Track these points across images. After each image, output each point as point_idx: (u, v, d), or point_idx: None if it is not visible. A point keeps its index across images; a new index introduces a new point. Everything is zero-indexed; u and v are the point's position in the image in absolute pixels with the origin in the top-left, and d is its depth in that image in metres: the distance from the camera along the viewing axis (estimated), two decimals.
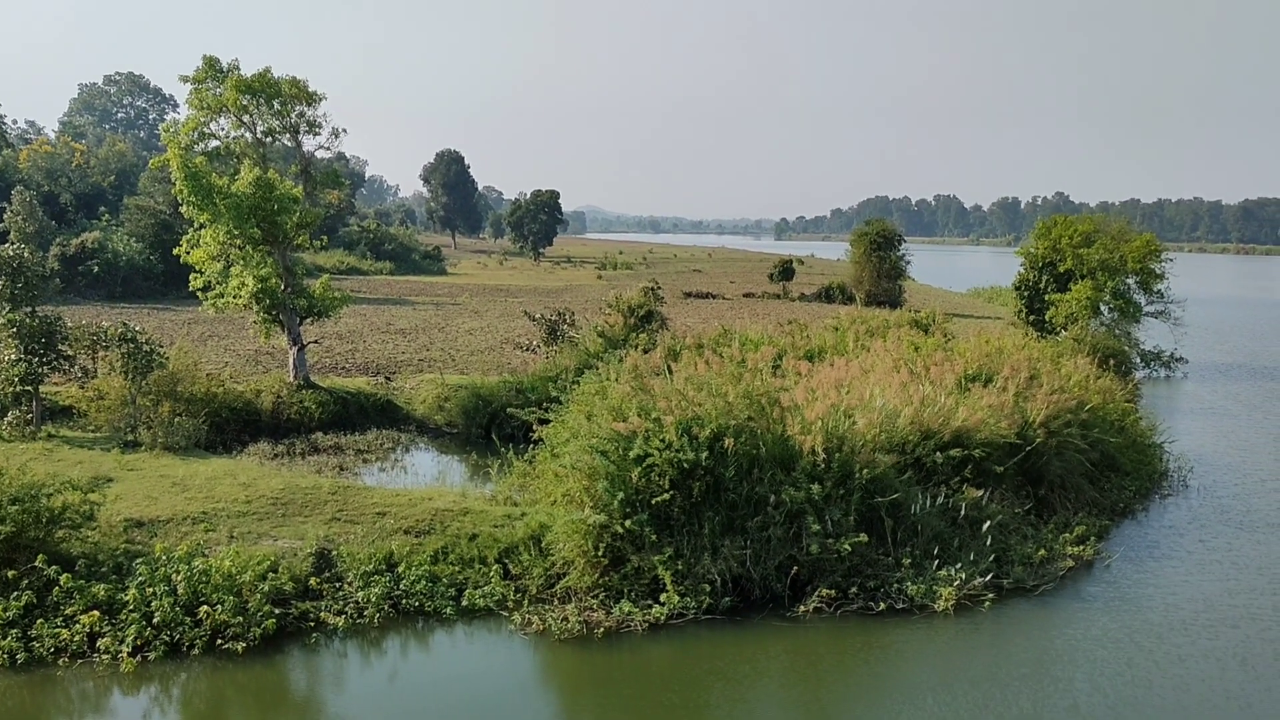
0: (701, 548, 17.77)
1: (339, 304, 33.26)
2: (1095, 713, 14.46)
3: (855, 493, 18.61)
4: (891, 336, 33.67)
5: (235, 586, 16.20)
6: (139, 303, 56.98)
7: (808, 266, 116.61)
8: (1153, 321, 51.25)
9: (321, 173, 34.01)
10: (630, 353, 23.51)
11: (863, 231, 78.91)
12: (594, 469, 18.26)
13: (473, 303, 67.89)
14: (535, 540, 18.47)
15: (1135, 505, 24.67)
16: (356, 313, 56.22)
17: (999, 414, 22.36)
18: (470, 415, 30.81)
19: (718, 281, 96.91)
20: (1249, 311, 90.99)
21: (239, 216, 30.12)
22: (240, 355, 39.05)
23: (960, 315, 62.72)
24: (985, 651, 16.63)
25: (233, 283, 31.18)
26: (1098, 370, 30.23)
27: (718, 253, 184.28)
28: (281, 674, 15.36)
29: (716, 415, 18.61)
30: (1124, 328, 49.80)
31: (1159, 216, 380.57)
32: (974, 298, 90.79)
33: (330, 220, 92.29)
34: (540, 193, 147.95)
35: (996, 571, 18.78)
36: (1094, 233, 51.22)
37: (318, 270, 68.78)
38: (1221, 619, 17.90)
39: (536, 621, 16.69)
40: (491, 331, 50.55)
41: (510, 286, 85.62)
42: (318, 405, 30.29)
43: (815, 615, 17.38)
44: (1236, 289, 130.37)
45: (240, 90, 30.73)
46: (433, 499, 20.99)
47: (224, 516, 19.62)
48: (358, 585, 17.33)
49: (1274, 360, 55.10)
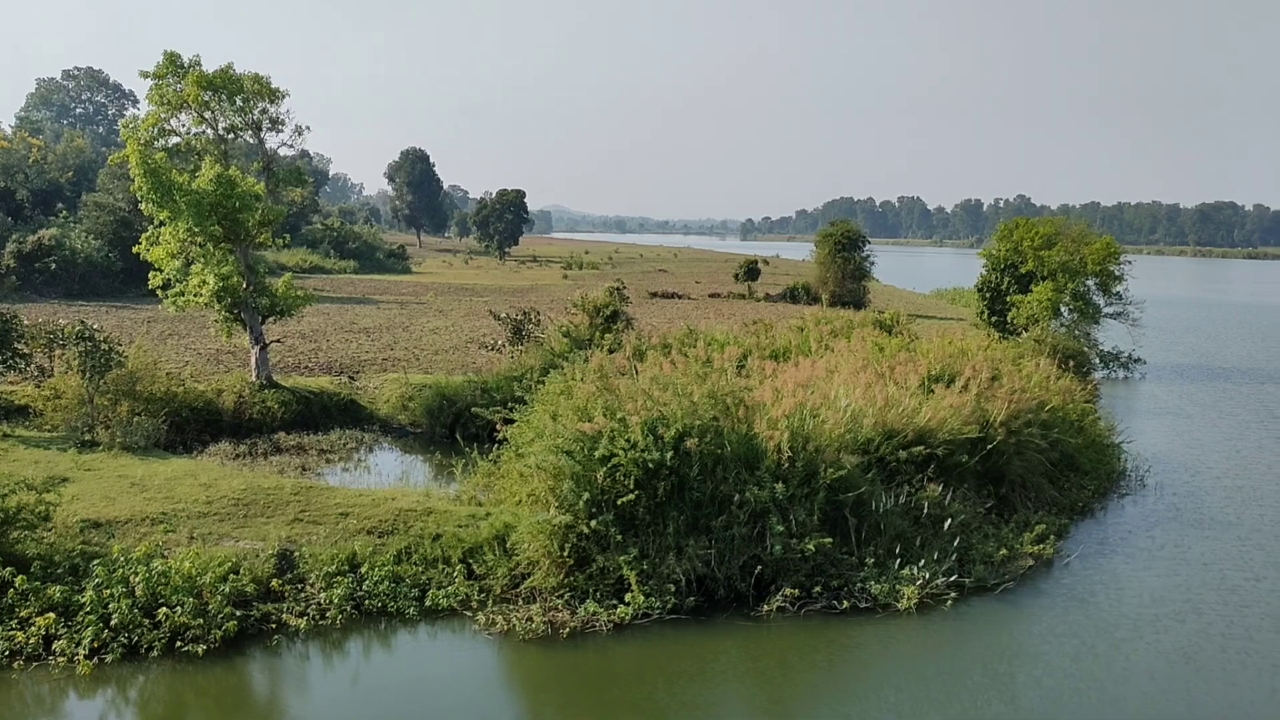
0: (666, 548, 17.79)
1: (302, 303, 32.96)
2: (1048, 708, 14.63)
3: (819, 492, 18.71)
4: (856, 337, 33.90)
5: (195, 588, 16.01)
6: (97, 301, 56.17)
7: (773, 267, 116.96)
8: (1112, 323, 51.93)
9: (284, 170, 33.67)
10: (595, 353, 23.49)
11: (827, 232, 79.33)
12: (559, 469, 18.22)
13: (437, 302, 67.53)
14: (500, 540, 18.41)
15: (1094, 504, 24.99)
16: (320, 311, 55.75)
17: (960, 414, 22.58)
18: (434, 415, 30.65)
19: (683, 281, 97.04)
20: (1204, 313, 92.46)
21: (199, 214, 29.74)
22: (201, 354, 38.60)
23: (924, 316, 63.23)
24: (947, 649, 16.78)
25: (193, 281, 30.80)
26: (1058, 371, 30.61)
27: (683, 253, 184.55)
28: (242, 676, 15.20)
29: (681, 415, 18.64)
30: (1084, 329, 50.44)
31: (1118, 219, 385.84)
32: (937, 299, 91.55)
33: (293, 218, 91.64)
34: (506, 192, 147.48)
35: (958, 570, 18.96)
36: (1055, 235, 51.80)
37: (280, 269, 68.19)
38: (1171, 614, 18.22)
39: (501, 622, 16.63)
40: (456, 331, 50.31)
41: (475, 286, 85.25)
42: (280, 405, 30.02)
43: (779, 615, 17.45)
44: (1193, 291, 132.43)
45: (201, 86, 30.37)
46: (396, 499, 20.86)
47: (184, 517, 19.39)
48: (320, 586, 17.19)
49: (1228, 361, 56.05)
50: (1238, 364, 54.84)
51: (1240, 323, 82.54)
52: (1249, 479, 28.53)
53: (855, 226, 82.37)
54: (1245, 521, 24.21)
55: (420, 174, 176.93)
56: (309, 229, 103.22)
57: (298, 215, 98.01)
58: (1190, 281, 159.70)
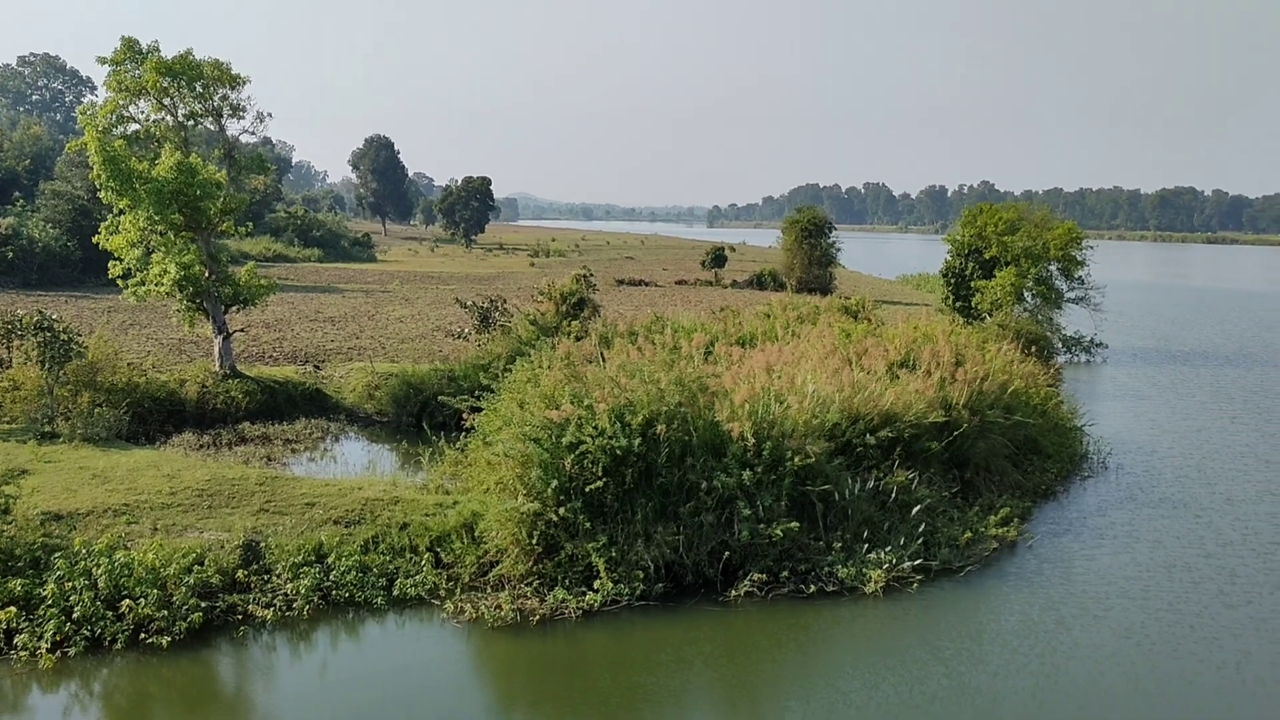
0: (635, 534, 17.83)
1: (265, 291, 32.62)
2: (1011, 686, 14.84)
3: (786, 478, 18.80)
4: (822, 323, 34.06)
5: (159, 580, 15.87)
6: (56, 290, 55.29)
7: (740, 254, 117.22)
8: (1074, 307, 52.49)
9: (246, 157, 33.26)
10: (563, 340, 23.47)
11: (794, 219, 79.54)
12: (527, 457, 18.20)
13: (403, 290, 67.13)
14: (468, 528, 18.37)
15: (1057, 486, 25.31)
16: (284, 300, 55.29)
17: (926, 398, 22.76)
18: (401, 404, 30.49)
19: (650, 269, 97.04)
20: (1164, 297, 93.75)
21: (160, 202, 29.33)
22: (163, 344, 38.16)
23: (889, 302, 63.63)
24: (913, 632, 16.95)
25: (154, 270, 30.39)
26: (1021, 355, 30.90)
27: (650, 240, 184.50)
28: (208, 668, 15.09)
29: (649, 402, 18.66)
30: (1046, 314, 50.94)
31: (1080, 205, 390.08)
32: (903, 284, 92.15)
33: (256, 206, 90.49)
34: (472, 179, 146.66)
35: (924, 554, 19.14)
36: (1018, 221, 52.23)
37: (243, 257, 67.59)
38: (1122, 592, 18.55)
39: (469, 610, 16.61)
40: (422, 319, 50.05)
41: (441, 273, 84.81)
42: (244, 395, 29.76)
43: (747, 600, 17.55)
44: (1153, 275, 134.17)
45: (160, 72, 29.91)
46: (363, 488, 20.75)
47: (147, 509, 19.19)
48: (287, 577, 17.07)
49: (1187, 344, 56.88)
50: (1195, 347, 55.67)
51: (1198, 306, 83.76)
52: (1204, 459, 29.04)
53: (821, 213, 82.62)
54: (1199, 500, 24.69)
55: (385, 161, 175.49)
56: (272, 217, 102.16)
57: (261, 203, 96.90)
58: (1150, 266, 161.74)
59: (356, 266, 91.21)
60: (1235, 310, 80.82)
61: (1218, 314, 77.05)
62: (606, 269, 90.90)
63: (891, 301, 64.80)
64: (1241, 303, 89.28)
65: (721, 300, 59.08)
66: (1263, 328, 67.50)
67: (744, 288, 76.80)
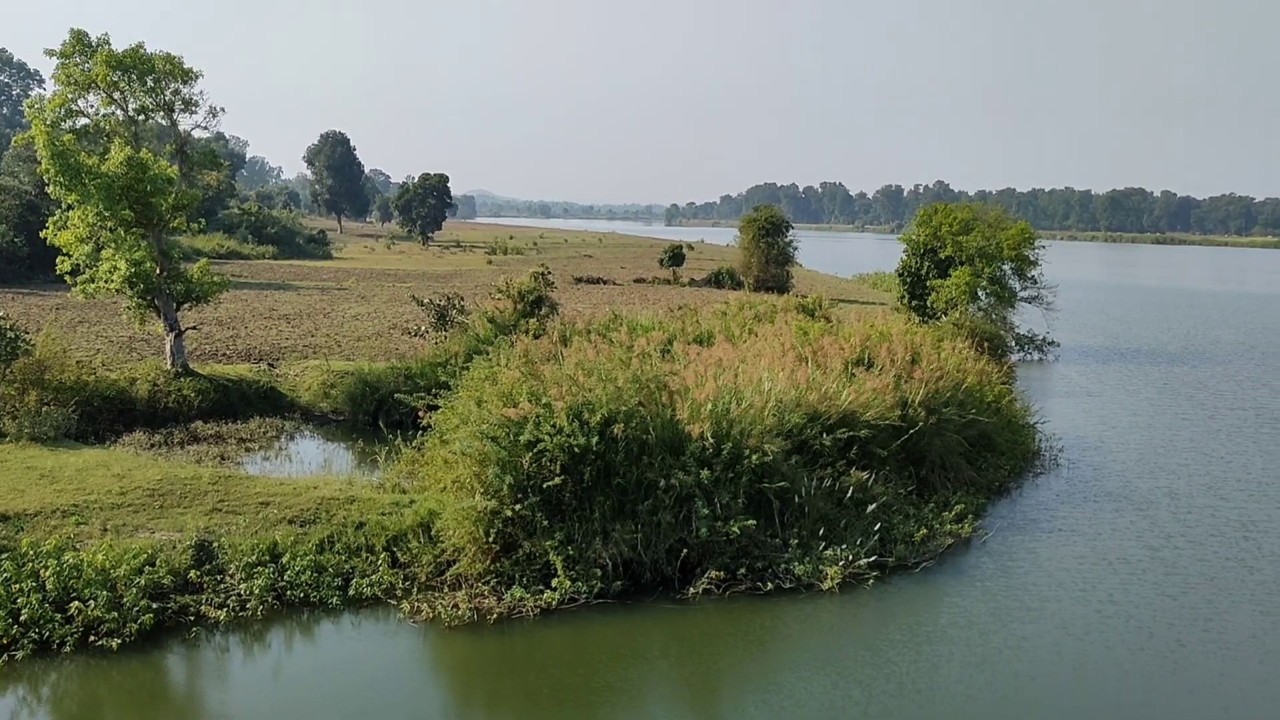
0: (592, 532, 17.82)
1: (218, 288, 32.17)
2: (964, 681, 15.03)
3: (744, 476, 18.89)
4: (780, 321, 34.22)
5: (109, 581, 15.63)
6: (3, 287, 54.19)
7: (698, 252, 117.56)
8: (1027, 306, 53.18)
9: (199, 153, 32.82)
10: (521, 338, 23.42)
11: (751, 218, 79.93)
12: (484, 455, 18.12)
13: (359, 287, 66.58)
14: (424, 527, 18.28)
15: (1010, 483, 25.65)
16: (238, 298, 54.65)
17: (882, 396, 22.95)
18: (357, 402, 30.24)
19: (608, 267, 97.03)
20: (1114, 296, 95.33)
21: (110, 197, 28.84)
22: (113, 342, 37.56)
23: (846, 300, 64.10)
24: (869, 627, 17.11)
25: (104, 266, 29.88)
26: (975, 353, 31.26)
27: (608, 238, 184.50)
28: (160, 671, 14.87)
29: (607, 400, 18.66)
30: (1000, 312, 51.58)
31: (1033, 205, 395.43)
32: (859, 283, 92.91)
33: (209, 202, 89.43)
34: (429, 176, 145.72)
35: (880, 550, 19.32)
36: (972, 220, 52.81)
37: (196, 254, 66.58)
38: (1065, 586, 18.90)
39: (426, 609, 16.51)
40: (379, 317, 49.68)
41: (398, 271, 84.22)
42: (197, 393, 29.36)
43: (705, 597, 17.62)
44: (1103, 275, 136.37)
45: (110, 66, 29.45)
46: (318, 487, 20.55)
47: (97, 509, 18.88)
48: (240, 577, 16.87)
49: (1135, 342, 57.90)
50: (1143, 345, 56.69)
51: (1146, 305, 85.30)
52: (1150, 454, 29.64)
53: (779, 212, 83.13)
54: (1144, 494, 25.22)
55: (341, 157, 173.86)
56: (226, 213, 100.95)
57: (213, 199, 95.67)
58: (1101, 266, 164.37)
59: (312, 264, 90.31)
60: (1182, 309, 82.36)
61: (1165, 313, 78.49)
62: (565, 267, 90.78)
63: (848, 300, 65.30)
64: (1188, 301, 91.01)
65: (679, 298, 59.22)
66: (1208, 326, 68.87)
67: (702, 286, 77.01)
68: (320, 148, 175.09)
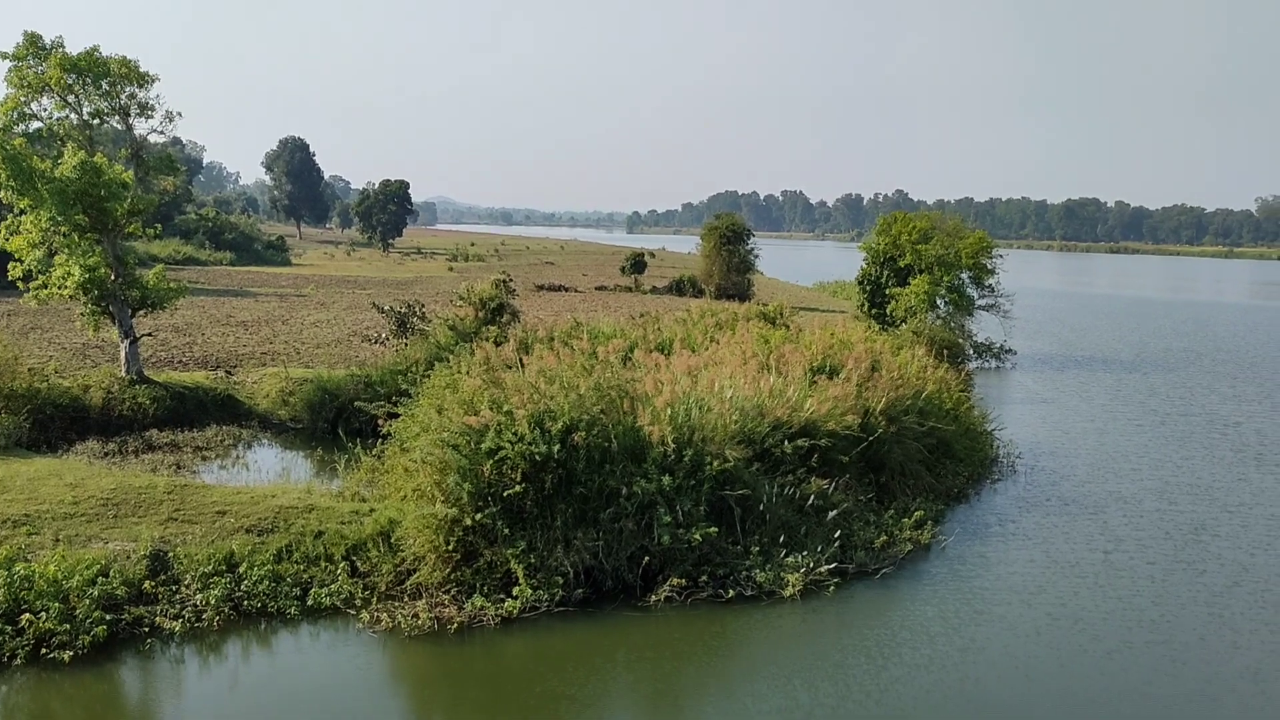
0: (554, 540, 17.78)
1: (175, 295, 31.74)
2: (922, 685, 15.16)
3: (705, 483, 18.93)
4: (741, 329, 34.37)
5: (61, 592, 15.35)
6: None
7: (659, 260, 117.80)
8: (985, 314, 53.82)
9: (155, 158, 32.34)
10: (482, 345, 23.32)
11: (713, 226, 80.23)
12: (445, 462, 18.03)
13: (318, 294, 66.04)
14: (384, 536, 18.12)
15: (968, 489, 25.93)
16: (194, 304, 54.00)
17: (844, 405, 23.10)
18: (316, 410, 29.96)
19: (570, 274, 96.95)
20: (1069, 303, 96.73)
21: (63, 202, 28.38)
22: (66, 349, 36.98)
23: (807, 308, 64.50)
24: (829, 633, 17.20)
25: (57, 272, 29.40)
26: (935, 361, 31.57)
27: (570, 245, 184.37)
28: (113, 683, 14.63)
29: (569, 408, 18.64)
30: (958, 320, 52.12)
31: (990, 214, 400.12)
32: (820, 291, 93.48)
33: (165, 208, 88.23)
34: (389, 183, 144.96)
35: (840, 557, 19.44)
36: (931, 229, 53.40)
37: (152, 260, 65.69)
38: (1016, 590, 19.15)
39: (386, 619, 16.39)
40: (338, 324, 49.29)
41: (358, 278, 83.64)
42: (152, 401, 28.95)
43: (666, 604, 17.63)
44: (1059, 284, 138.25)
45: (64, 69, 28.99)
46: (276, 496, 20.32)
47: (48, 519, 18.54)
48: (196, 587, 16.65)
49: (1090, 350, 58.78)
50: (1097, 353, 57.56)
51: (1100, 313, 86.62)
52: (1103, 460, 30.13)
53: (740, 220, 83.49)
54: (1096, 499, 25.63)
55: (300, 163, 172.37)
56: (182, 219, 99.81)
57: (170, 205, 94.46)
58: (1057, 274, 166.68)
59: (270, 270, 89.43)
60: (1135, 317, 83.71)
61: (1119, 320, 79.73)
62: (526, 274, 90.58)
63: (809, 308, 65.70)
64: (1140, 310, 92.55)
65: (641, 306, 59.32)
66: (1160, 334, 70.04)
67: (663, 293, 77.18)
68: (279, 153, 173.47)
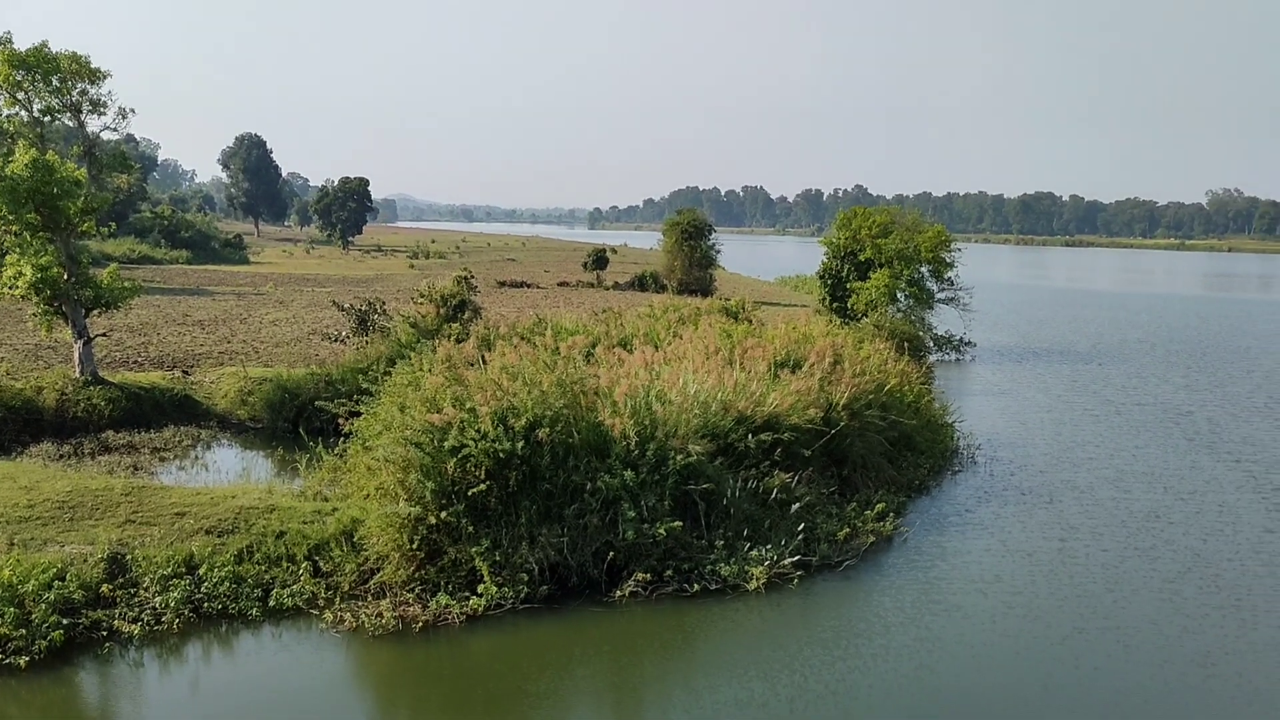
0: (519, 537, 17.73)
1: (129, 294, 31.29)
2: (887, 675, 15.30)
3: (670, 478, 18.96)
4: (704, 324, 34.44)
5: (17, 596, 15.10)
6: None
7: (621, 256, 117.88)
8: (945, 308, 54.32)
9: (108, 155, 31.88)
10: (443, 343, 23.21)
11: (674, 221, 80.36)
12: (408, 461, 17.92)
13: (277, 292, 65.38)
14: (347, 535, 17.99)
15: (930, 481, 26.16)
16: (150, 303, 53.31)
17: (806, 398, 23.22)
18: (276, 409, 29.67)
19: (532, 270, 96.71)
20: (1026, 297, 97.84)
21: (14, 201, 27.91)
22: (18, 350, 36.34)
23: (769, 303, 64.77)
24: (794, 625, 17.30)
25: (8, 272, 28.92)
26: (896, 354, 31.81)
27: (531, 242, 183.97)
28: (71, 688, 14.41)
29: (532, 405, 18.59)
30: (919, 314, 52.60)
31: (949, 209, 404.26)
32: (781, 286, 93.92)
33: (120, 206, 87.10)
34: (349, 180, 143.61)
35: (804, 550, 19.55)
36: (890, 224, 53.81)
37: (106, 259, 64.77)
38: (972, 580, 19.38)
39: (349, 619, 16.27)
40: (298, 322, 48.83)
41: (318, 276, 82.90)
42: (107, 402, 28.54)
43: (632, 599, 17.64)
44: (1016, 277, 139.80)
45: (13, 65, 28.49)
46: (236, 497, 20.10)
47: (2, 522, 18.22)
48: (155, 590, 16.44)
49: (1047, 342, 59.52)
50: (1054, 345, 58.30)
51: (1056, 305, 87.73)
52: (1060, 450, 30.52)
53: (701, 215, 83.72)
54: (1053, 489, 25.95)
55: (257, 160, 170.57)
56: (137, 217, 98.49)
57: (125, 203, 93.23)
58: (1014, 268, 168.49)
59: (228, 268, 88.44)
60: (1090, 309, 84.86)
61: (1075, 312, 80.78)
62: (488, 271, 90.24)
63: (771, 303, 65.98)
64: (1096, 302, 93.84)
65: (603, 302, 59.30)
66: (1115, 325, 71.06)
67: (626, 289, 77.20)
68: (236, 150, 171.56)
